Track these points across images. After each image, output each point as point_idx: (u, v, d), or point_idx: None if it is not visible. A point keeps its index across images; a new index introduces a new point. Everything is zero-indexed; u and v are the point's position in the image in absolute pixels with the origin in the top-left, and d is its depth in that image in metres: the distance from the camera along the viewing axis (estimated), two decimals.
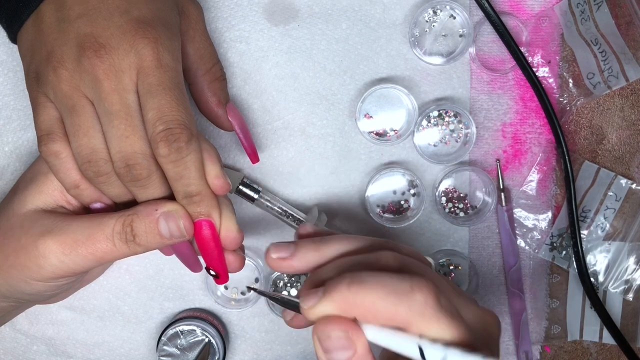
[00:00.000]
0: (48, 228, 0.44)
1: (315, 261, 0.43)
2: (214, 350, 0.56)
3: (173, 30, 0.45)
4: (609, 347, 0.61)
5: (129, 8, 0.42)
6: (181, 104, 0.42)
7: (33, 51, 0.44)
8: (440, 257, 0.59)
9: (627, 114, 0.60)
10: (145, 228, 0.44)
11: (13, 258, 0.45)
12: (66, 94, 0.42)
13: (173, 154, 0.42)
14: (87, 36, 0.42)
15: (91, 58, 0.41)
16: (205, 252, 0.45)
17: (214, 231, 0.45)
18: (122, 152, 0.42)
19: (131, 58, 0.41)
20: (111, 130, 0.42)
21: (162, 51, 0.42)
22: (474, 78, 0.59)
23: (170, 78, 0.42)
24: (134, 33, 0.42)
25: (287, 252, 0.44)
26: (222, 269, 0.46)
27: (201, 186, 0.44)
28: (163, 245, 0.45)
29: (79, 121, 0.42)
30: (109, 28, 0.42)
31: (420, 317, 0.38)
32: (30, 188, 0.47)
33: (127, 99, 0.42)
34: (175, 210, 0.44)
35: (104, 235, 0.44)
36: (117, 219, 0.44)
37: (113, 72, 0.41)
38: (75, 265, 0.44)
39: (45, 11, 0.44)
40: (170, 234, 0.44)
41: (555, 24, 0.59)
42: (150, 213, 0.44)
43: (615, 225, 0.60)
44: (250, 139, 0.53)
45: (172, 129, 0.41)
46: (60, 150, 0.44)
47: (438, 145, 0.58)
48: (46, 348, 0.59)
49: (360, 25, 0.57)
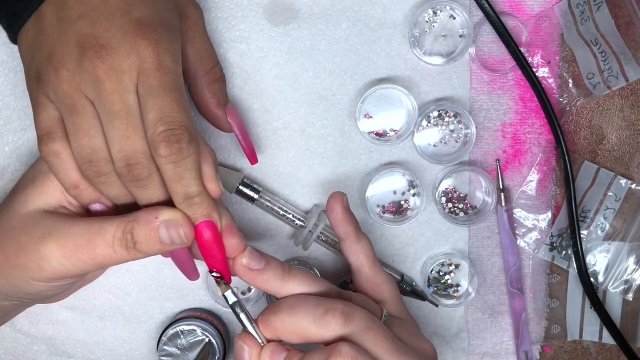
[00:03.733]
0: (49, 230, 0.44)
1: (275, 290, 0.46)
2: (214, 350, 0.56)
3: (173, 32, 0.45)
4: (608, 347, 0.61)
5: (130, 9, 0.43)
6: (181, 105, 0.42)
7: (33, 51, 0.44)
8: (440, 257, 0.59)
9: (626, 114, 0.60)
10: (145, 235, 0.44)
11: (14, 259, 0.45)
12: (67, 94, 0.42)
13: (174, 155, 0.42)
14: (88, 36, 0.42)
15: (92, 58, 0.41)
16: (207, 254, 0.45)
17: (215, 232, 0.45)
18: (123, 152, 0.42)
19: (132, 59, 0.41)
20: (112, 130, 0.42)
21: (163, 53, 0.42)
22: (473, 78, 0.59)
23: (171, 80, 0.42)
24: (135, 34, 0.42)
25: (258, 264, 0.46)
26: (225, 269, 0.46)
27: (201, 187, 0.44)
28: (164, 252, 0.45)
29: (79, 121, 0.42)
30: (110, 29, 0.42)
31: None
32: (31, 188, 0.47)
33: (127, 100, 0.42)
34: (175, 218, 0.43)
35: (104, 241, 0.44)
36: (118, 225, 0.44)
37: (114, 73, 0.41)
38: (75, 269, 0.44)
39: (45, 11, 0.44)
40: (171, 240, 0.44)
41: (555, 24, 0.59)
42: (151, 220, 0.43)
43: (615, 225, 0.60)
44: (249, 140, 0.53)
45: (173, 130, 0.42)
46: (60, 150, 0.44)
47: (438, 146, 0.58)
48: (46, 348, 0.59)
49: (360, 25, 0.58)
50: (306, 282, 0.46)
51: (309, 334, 0.44)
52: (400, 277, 0.58)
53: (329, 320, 0.43)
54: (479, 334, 0.61)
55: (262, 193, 0.57)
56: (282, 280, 0.46)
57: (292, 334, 0.44)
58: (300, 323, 0.44)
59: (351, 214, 0.51)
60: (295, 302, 0.45)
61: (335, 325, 0.43)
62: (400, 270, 0.60)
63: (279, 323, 0.44)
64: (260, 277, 0.46)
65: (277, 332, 0.45)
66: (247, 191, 0.56)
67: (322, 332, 0.43)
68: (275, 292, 0.46)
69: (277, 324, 0.44)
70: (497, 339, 0.61)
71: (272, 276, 0.46)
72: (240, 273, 0.46)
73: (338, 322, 0.43)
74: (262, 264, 0.46)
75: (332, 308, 0.44)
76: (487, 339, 0.61)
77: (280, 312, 0.44)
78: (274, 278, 0.46)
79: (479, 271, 0.60)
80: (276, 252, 0.59)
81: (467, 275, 0.59)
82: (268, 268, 0.46)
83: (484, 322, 0.61)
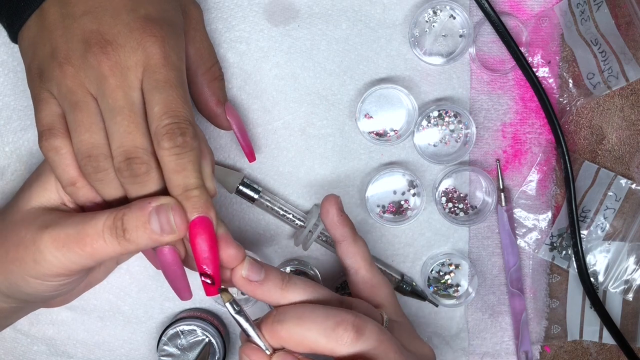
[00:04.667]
0: (46, 223, 0.44)
1: (277, 301, 0.45)
2: (214, 350, 0.56)
3: (178, 30, 0.45)
4: (608, 347, 0.61)
5: (136, 7, 0.43)
6: (186, 102, 0.43)
7: (35, 48, 0.44)
8: (440, 257, 0.59)
9: (627, 114, 0.60)
10: (135, 222, 0.43)
11: (13, 252, 0.45)
12: (71, 89, 0.42)
13: (178, 147, 0.42)
14: (94, 32, 0.42)
15: (97, 54, 0.42)
16: (199, 254, 0.43)
17: (210, 229, 0.43)
18: (124, 147, 0.42)
19: (138, 55, 0.42)
20: (114, 126, 0.42)
21: (169, 50, 0.43)
22: (474, 78, 0.59)
23: (176, 76, 0.43)
24: (142, 31, 0.42)
25: (257, 276, 0.44)
26: (216, 272, 0.44)
27: (201, 181, 0.43)
28: (155, 243, 0.44)
29: (81, 117, 0.43)
30: (116, 25, 0.42)
31: None
32: (35, 185, 0.47)
33: (131, 96, 0.42)
34: (167, 202, 0.43)
35: (95, 231, 0.43)
36: (109, 215, 0.43)
37: (119, 69, 0.42)
38: (68, 262, 0.44)
39: (48, 8, 0.44)
40: (161, 228, 0.42)
41: (555, 24, 0.59)
42: (144, 207, 0.43)
43: (615, 225, 0.60)
44: (248, 138, 0.54)
45: (178, 123, 0.42)
46: (60, 146, 0.44)
47: (438, 146, 0.58)
48: (46, 348, 0.59)
49: (360, 25, 0.58)
50: (307, 290, 0.45)
51: (318, 346, 0.43)
52: (400, 277, 0.58)
53: (340, 333, 0.43)
54: (479, 334, 0.61)
55: (262, 193, 0.57)
56: (282, 290, 0.45)
57: (299, 344, 0.43)
58: (309, 334, 0.43)
59: (346, 216, 0.51)
60: (303, 312, 0.44)
61: (347, 339, 0.43)
62: (400, 270, 0.60)
63: (285, 333, 0.43)
64: (260, 289, 0.45)
65: (282, 341, 0.44)
66: (247, 191, 0.56)
67: (332, 345, 0.43)
68: (275, 302, 0.45)
69: (283, 333, 0.43)
70: (497, 339, 0.61)
71: (272, 287, 0.45)
72: (239, 284, 0.45)
73: (350, 335, 0.43)
74: (262, 275, 0.44)
75: (343, 320, 0.43)
76: (487, 339, 0.61)
77: (287, 322, 0.43)
78: (274, 289, 0.45)
79: (479, 271, 0.60)
80: (276, 252, 0.59)
81: (467, 275, 0.59)
82: (268, 279, 0.45)
83: (484, 322, 0.61)
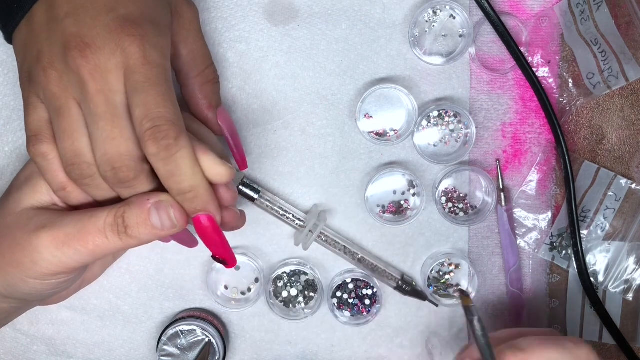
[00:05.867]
0: (42, 223, 0.44)
1: None
2: (214, 350, 0.56)
3: (161, 28, 0.44)
4: (608, 347, 0.61)
5: (116, 6, 0.42)
6: (168, 99, 0.41)
7: (25, 51, 0.44)
8: (440, 257, 0.59)
9: (627, 114, 0.60)
10: (137, 219, 0.43)
11: (9, 255, 0.45)
12: (54, 95, 0.42)
13: (162, 152, 0.41)
14: (73, 36, 0.41)
15: (76, 58, 0.41)
16: (208, 243, 0.45)
17: (213, 223, 0.44)
18: (108, 155, 0.41)
19: (117, 57, 0.41)
20: (96, 132, 0.41)
21: (149, 48, 0.41)
22: (473, 78, 0.59)
23: (157, 74, 0.41)
24: (120, 31, 0.41)
25: None
26: (227, 255, 0.46)
27: (195, 181, 0.43)
28: (156, 238, 0.44)
29: (64, 123, 0.42)
30: (96, 27, 0.41)
31: None
32: (25, 187, 0.47)
33: (113, 100, 0.41)
34: (166, 200, 0.43)
35: (96, 227, 0.43)
36: (109, 211, 0.43)
37: (99, 73, 0.41)
38: (69, 260, 0.44)
39: (36, 11, 0.43)
40: (162, 224, 0.43)
41: (555, 24, 0.59)
42: (143, 204, 0.43)
43: (615, 225, 0.60)
44: (240, 145, 0.52)
45: (159, 127, 0.40)
46: (47, 152, 0.43)
47: (438, 146, 0.58)
48: (46, 348, 0.59)
49: (360, 25, 0.58)
50: None
51: None
52: (400, 277, 0.58)
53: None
54: None
55: (262, 193, 0.57)
56: None
57: None
58: None
59: None
60: None
61: None
62: (400, 270, 0.60)
63: None
64: None
65: None
66: (247, 191, 0.56)
67: None
68: None
69: None
70: None
71: None
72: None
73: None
74: None
75: None
76: None
77: None
78: None
79: (479, 271, 0.60)
80: (276, 252, 0.59)
81: (467, 275, 0.59)
82: None
83: None
